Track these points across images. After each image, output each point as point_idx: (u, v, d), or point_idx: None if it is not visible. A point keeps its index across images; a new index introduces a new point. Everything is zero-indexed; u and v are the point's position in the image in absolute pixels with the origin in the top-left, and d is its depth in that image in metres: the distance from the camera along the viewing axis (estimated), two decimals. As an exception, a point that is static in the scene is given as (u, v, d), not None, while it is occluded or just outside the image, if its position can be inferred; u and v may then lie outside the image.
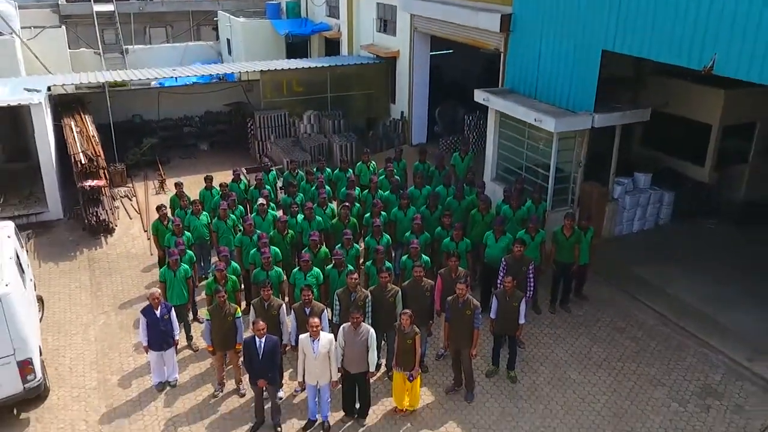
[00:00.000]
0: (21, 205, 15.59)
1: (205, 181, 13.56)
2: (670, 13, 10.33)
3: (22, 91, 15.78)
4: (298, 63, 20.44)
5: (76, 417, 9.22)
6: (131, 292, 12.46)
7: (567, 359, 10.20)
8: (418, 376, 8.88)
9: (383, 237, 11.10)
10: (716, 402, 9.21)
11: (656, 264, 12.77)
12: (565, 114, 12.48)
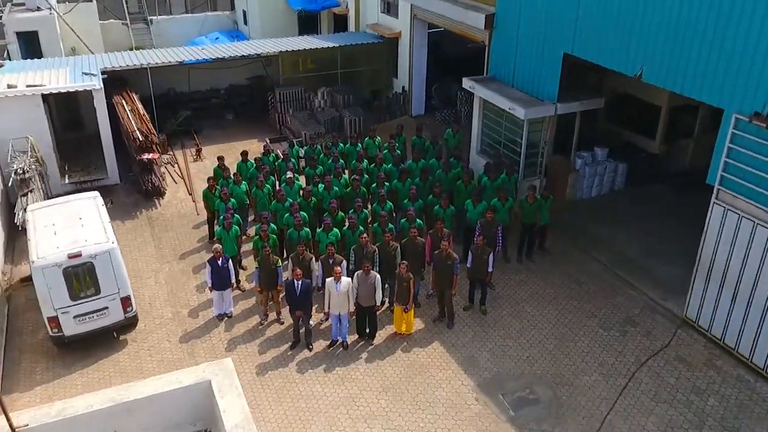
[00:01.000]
0: (84, 172, 18.66)
1: (241, 155, 16.58)
2: (612, 30, 13.13)
3: (81, 74, 18.62)
4: (312, 42, 22.98)
5: (160, 338, 12.53)
6: (186, 245, 15.65)
7: (526, 298, 13.42)
8: (411, 309, 12.12)
9: (386, 204, 14.19)
10: (632, 329, 12.45)
11: (607, 224, 15.87)
12: (534, 103, 15.36)
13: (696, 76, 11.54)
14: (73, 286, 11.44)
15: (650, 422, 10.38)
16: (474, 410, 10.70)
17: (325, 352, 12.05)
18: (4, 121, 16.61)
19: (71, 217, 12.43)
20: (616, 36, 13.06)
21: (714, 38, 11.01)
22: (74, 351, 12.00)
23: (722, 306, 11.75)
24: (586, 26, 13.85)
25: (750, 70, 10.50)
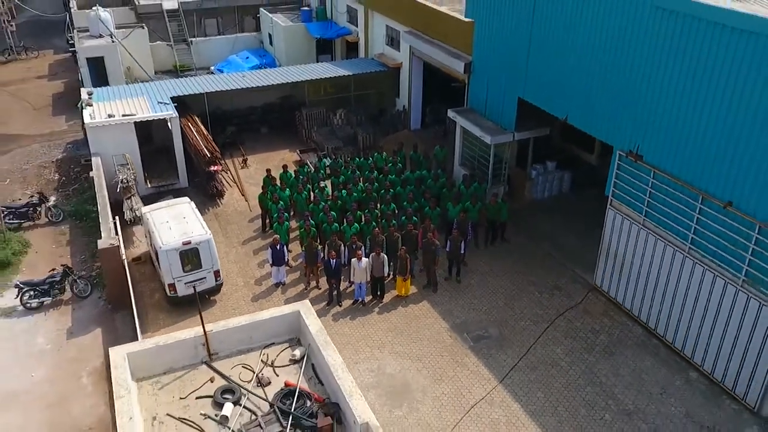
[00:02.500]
0: (160, 179, 24.45)
1: (283, 167, 22.45)
2: (548, 85, 18.86)
3: (157, 103, 24.33)
4: (331, 70, 28.49)
5: (237, 299, 18.41)
6: (245, 234, 21.50)
7: (488, 272, 19.29)
8: (408, 279, 18.00)
9: (391, 205, 20.03)
10: (558, 292, 18.33)
11: (553, 219, 21.67)
12: (498, 131, 21.11)
13: (598, 122, 17.31)
14: (184, 262, 17.32)
15: (559, 349, 16.29)
16: (447, 342, 16.63)
17: (350, 308, 17.96)
18: (109, 142, 22.45)
19: (177, 216, 18.30)
20: (551, 89, 18.81)
21: (607, 98, 16.75)
22: (182, 308, 17.89)
23: (615, 276, 17.61)
24: (532, 80, 19.58)
25: (627, 122, 16.25)
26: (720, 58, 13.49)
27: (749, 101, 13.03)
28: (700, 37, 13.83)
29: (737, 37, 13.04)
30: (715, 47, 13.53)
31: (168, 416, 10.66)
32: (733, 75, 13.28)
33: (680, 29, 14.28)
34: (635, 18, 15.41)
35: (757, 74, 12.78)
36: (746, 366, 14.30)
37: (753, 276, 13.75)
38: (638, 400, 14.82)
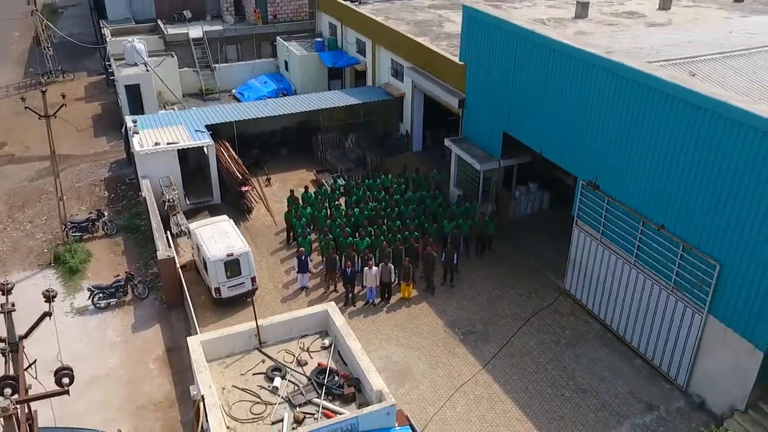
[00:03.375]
0: (196, 196, 28.33)
1: (304, 188, 26.32)
2: (526, 123, 22.73)
3: (195, 131, 28.19)
4: (343, 98, 32.24)
5: (269, 300, 22.28)
6: (273, 245, 25.38)
7: (477, 278, 23.15)
8: (411, 284, 21.87)
9: (396, 222, 23.90)
10: (534, 295, 22.18)
11: (534, 233, 25.51)
12: (487, 159, 24.97)
13: (566, 156, 21.17)
14: (228, 271, 21.22)
15: (532, 341, 20.15)
16: (442, 336, 20.51)
17: (362, 307, 21.84)
18: (155, 166, 26.35)
19: (221, 232, 22.22)
20: (529, 127, 22.69)
21: (573, 138, 20.60)
22: (226, 307, 21.77)
23: (580, 282, 21.46)
24: (514, 118, 23.45)
25: (587, 158, 20.10)
26: (650, 115, 17.35)
27: (674, 148, 16.88)
28: (636, 98, 17.68)
29: (662, 98, 16.89)
30: (646, 106, 17.38)
31: (234, 387, 14.54)
32: (661, 128, 17.12)
33: (622, 92, 18.15)
34: (589, 81, 19.27)
35: (678, 129, 16.63)
36: (676, 354, 18.16)
37: (679, 284, 17.61)
38: (592, 381, 18.68)
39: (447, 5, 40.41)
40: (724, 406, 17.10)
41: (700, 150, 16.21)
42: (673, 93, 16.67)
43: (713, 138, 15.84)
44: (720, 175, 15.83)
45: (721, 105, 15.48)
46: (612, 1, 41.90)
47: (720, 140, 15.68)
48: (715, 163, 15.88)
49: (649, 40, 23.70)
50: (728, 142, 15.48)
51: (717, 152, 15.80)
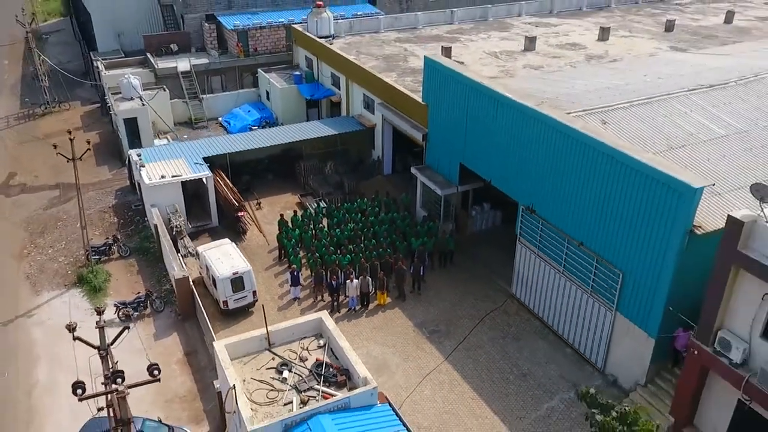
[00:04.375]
0: (197, 220, 32.49)
1: (293, 212, 30.74)
2: (478, 155, 27.50)
3: (194, 164, 32.37)
4: (322, 129, 36.73)
5: (268, 309, 26.34)
6: (267, 262, 29.72)
7: (440, 286, 27.83)
8: (385, 293, 26.48)
9: (372, 241, 28.49)
10: (487, 299, 26.92)
11: (488, 246, 30.30)
12: (447, 185, 29.68)
13: (510, 185, 25.98)
14: (233, 286, 25.55)
15: (485, 337, 24.90)
16: (411, 335, 25.14)
17: (346, 313, 26.35)
18: (162, 196, 30.50)
19: (225, 253, 26.54)
20: (481, 160, 27.47)
21: (514, 171, 25.40)
22: (231, 317, 26.08)
23: (523, 287, 26.28)
24: (468, 152, 28.21)
25: (525, 188, 24.92)
26: (570, 156, 22.22)
27: (588, 183, 21.74)
28: (559, 142, 22.55)
29: (578, 144, 21.77)
30: (566, 149, 22.25)
31: (252, 379, 18.95)
32: (578, 167, 21.99)
33: (548, 137, 23.01)
34: (524, 126, 24.11)
35: (589, 169, 21.51)
36: (595, 343, 23.06)
37: (595, 288, 22.52)
38: (532, 367, 23.49)
39: (411, 39, 45.23)
40: (631, 382, 22.04)
41: (606, 186, 21.10)
42: (585, 141, 21.56)
43: (613, 177, 20.74)
44: (620, 205, 20.73)
45: (619, 153, 20.40)
46: (558, 32, 47.22)
47: (617, 179, 20.59)
48: (617, 197, 20.78)
49: (576, 86, 28.63)
50: (623, 181, 20.40)
51: (616, 188, 20.71)
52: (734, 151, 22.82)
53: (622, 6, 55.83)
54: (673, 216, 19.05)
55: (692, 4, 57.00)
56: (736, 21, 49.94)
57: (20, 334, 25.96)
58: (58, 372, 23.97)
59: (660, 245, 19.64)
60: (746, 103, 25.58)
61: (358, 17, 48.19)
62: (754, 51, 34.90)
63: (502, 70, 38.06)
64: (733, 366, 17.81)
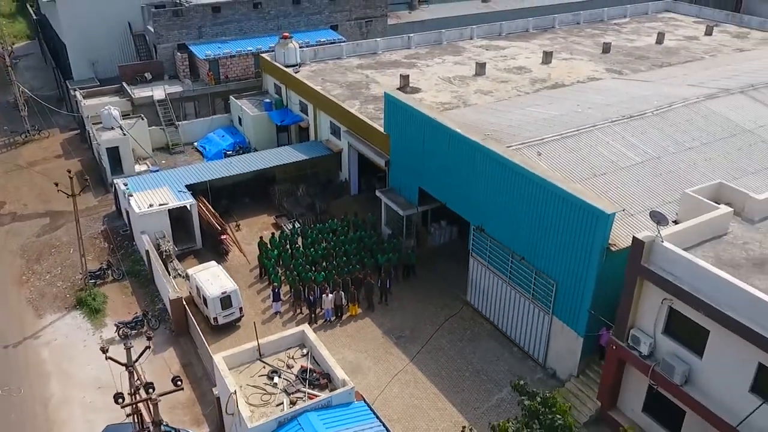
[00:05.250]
0: (182, 243, 35.66)
1: (272, 234, 34.19)
2: (435, 180, 31.39)
3: (178, 191, 35.52)
4: (294, 155, 40.25)
5: (251, 324, 30.07)
6: (249, 280, 33.08)
7: (405, 297, 31.60)
8: (356, 304, 30.17)
9: (343, 258, 32.15)
10: (446, 307, 30.80)
11: (445, 259, 34.20)
12: (408, 206, 33.50)
13: (463, 207, 29.91)
14: (222, 304, 28.92)
15: (444, 340, 28.78)
16: (381, 341, 28.88)
17: (322, 324, 29.94)
18: (151, 223, 33.62)
19: (213, 275, 29.89)
20: (437, 184, 31.35)
21: (466, 194, 29.33)
22: (220, 331, 29.42)
23: (477, 295, 30.26)
24: (426, 177, 32.06)
25: (476, 210, 28.87)
26: (510, 184, 26.23)
27: (527, 207, 25.77)
28: (500, 172, 26.54)
29: (516, 175, 25.79)
30: (507, 177, 26.26)
31: (247, 385, 22.44)
32: (517, 193, 26.01)
33: (492, 166, 26.99)
34: (472, 157, 28.06)
35: (527, 195, 25.55)
36: (537, 341, 27.14)
37: (534, 295, 26.59)
38: (484, 365, 27.44)
39: (372, 64, 48.99)
40: (566, 374, 26.16)
41: (541, 210, 25.15)
42: (523, 173, 25.59)
43: (546, 203, 24.81)
44: (552, 226, 24.80)
45: (549, 183, 24.46)
46: (506, 56, 51.52)
47: (549, 205, 24.67)
48: (549, 219, 24.85)
49: (517, 117, 32.72)
50: (554, 206, 24.48)
51: (549, 212, 24.78)
52: (646, 177, 27.15)
53: (565, 27, 60.46)
54: (592, 236, 23.19)
55: (628, 24, 62.00)
56: (666, 41, 55.02)
57: (30, 354, 28.87)
58: (69, 386, 27.04)
59: (583, 260, 23.78)
60: (660, 132, 30.00)
61: (322, 44, 51.77)
62: (673, 77, 39.59)
63: (455, 96, 42.11)
64: (643, 358, 21.98)
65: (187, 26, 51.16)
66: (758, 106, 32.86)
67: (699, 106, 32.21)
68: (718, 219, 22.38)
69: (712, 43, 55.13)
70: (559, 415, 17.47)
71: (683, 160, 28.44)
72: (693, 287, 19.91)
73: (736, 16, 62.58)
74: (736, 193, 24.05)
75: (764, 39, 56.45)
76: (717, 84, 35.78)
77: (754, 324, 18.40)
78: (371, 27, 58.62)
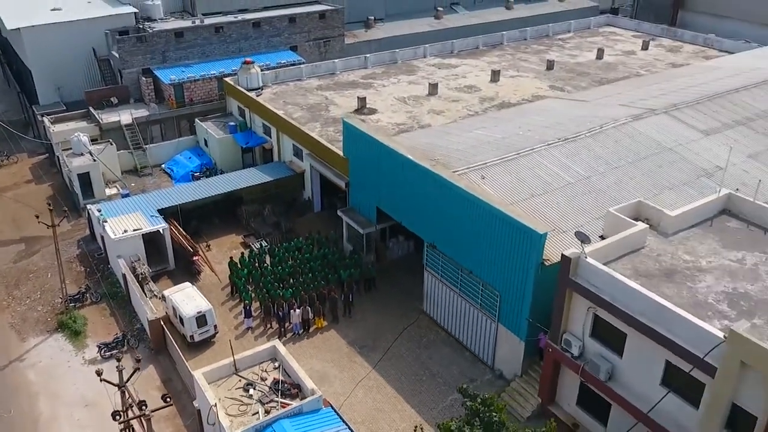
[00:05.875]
0: (155, 264, 37.79)
1: (241, 253, 36.62)
2: (392, 201, 34.27)
3: (150, 216, 37.66)
4: (259, 176, 42.69)
5: (227, 339, 32.44)
6: (221, 298, 35.46)
7: (366, 309, 34.37)
8: (322, 317, 32.86)
9: (308, 275, 34.79)
10: (405, 317, 33.70)
11: (403, 272, 37.08)
12: (367, 224, 36.30)
13: (417, 225, 32.84)
14: (198, 322, 31.30)
15: (403, 348, 31.67)
16: (345, 351, 31.61)
17: (291, 337, 32.53)
18: (126, 247, 35.73)
19: (189, 296, 32.24)
20: (394, 204, 34.23)
21: (420, 214, 32.25)
22: (196, 348, 31.77)
23: (432, 305, 33.22)
24: (383, 197, 34.91)
25: (428, 228, 31.82)
26: (457, 205, 29.23)
27: (472, 227, 28.79)
28: (447, 194, 29.53)
29: (461, 198, 28.81)
30: (454, 200, 29.26)
31: (225, 397, 24.96)
32: (464, 213, 29.02)
33: (441, 190, 29.97)
34: (423, 180, 31.00)
35: (471, 215, 28.57)
36: (485, 346, 30.22)
37: (482, 305, 29.66)
38: (439, 368, 30.41)
39: (331, 86, 51.69)
40: (511, 374, 29.30)
41: (485, 229, 28.20)
42: (468, 197, 28.62)
43: (489, 223, 27.87)
44: (495, 243, 27.87)
45: (491, 206, 27.54)
46: (457, 74, 54.73)
47: (492, 225, 27.74)
48: (493, 237, 27.91)
49: (464, 140, 35.77)
50: (496, 226, 27.56)
51: (492, 231, 27.85)
52: (578, 196, 30.48)
53: (512, 43, 64.07)
54: (528, 253, 26.34)
55: (572, 39, 65.94)
56: (605, 56, 59.00)
57: (17, 377, 30.79)
58: (57, 405, 29.09)
59: (522, 273, 26.92)
60: (591, 153, 33.42)
61: (282, 66, 54.25)
62: (607, 96, 43.24)
63: (410, 116, 45.12)
64: (574, 358, 25.18)
65: (152, 51, 53.05)
66: (679, 125, 36.60)
67: (626, 127, 35.77)
68: (636, 235, 25.72)
69: (648, 57, 59.38)
70: (495, 413, 20.46)
71: (611, 179, 31.87)
72: (612, 297, 23.16)
73: (670, 30, 67.10)
74: (653, 210, 27.45)
75: (694, 52, 61.02)
76: (645, 104, 39.48)
77: (661, 327, 21.68)
78: (329, 47, 61.24)
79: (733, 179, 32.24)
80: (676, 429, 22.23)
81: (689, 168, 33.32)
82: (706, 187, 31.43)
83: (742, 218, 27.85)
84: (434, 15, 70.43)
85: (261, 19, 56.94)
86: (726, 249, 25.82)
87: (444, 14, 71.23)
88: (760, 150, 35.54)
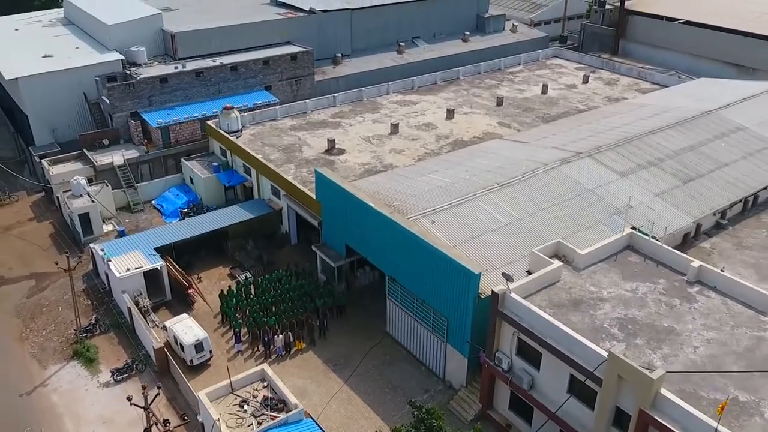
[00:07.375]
0: (154, 296, 43.36)
1: (230, 286, 42.48)
2: (359, 238, 40.44)
3: (149, 254, 43.25)
4: (243, 214, 48.54)
5: (221, 362, 38.29)
6: (213, 326, 41.18)
7: (339, 332, 40.41)
8: (302, 340, 38.88)
9: (288, 303, 40.80)
10: (370, 338, 39.86)
11: (370, 299, 43.21)
12: (339, 258, 42.35)
13: (380, 260, 39.04)
14: (196, 348, 37.11)
15: (370, 364, 37.80)
16: (322, 368, 37.74)
17: (276, 359, 38.48)
18: (130, 283, 41.32)
19: (187, 326, 38.02)
20: (360, 241, 40.39)
21: (382, 251, 38.44)
22: (195, 370, 37.55)
23: (394, 327, 39.45)
24: (351, 235, 41.04)
25: (390, 263, 38.04)
26: (410, 247, 35.49)
27: (424, 264, 35.04)
28: (402, 238, 35.77)
29: (413, 241, 35.07)
30: (408, 242, 35.52)
31: (225, 413, 30.89)
32: (415, 254, 35.27)
33: (397, 233, 36.23)
34: (383, 224, 37.22)
35: (422, 256, 34.85)
36: (438, 362, 36.53)
37: (434, 328, 35.97)
38: (401, 382, 36.63)
39: (303, 125, 57.72)
40: (459, 385, 35.67)
41: (433, 267, 34.49)
42: (419, 241, 34.90)
43: (436, 263, 34.18)
44: (442, 279, 34.17)
45: (436, 250, 33.84)
46: (416, 111, 61.14)
47: (439, 264, 34.05)
48: (440, 274, 34.21)
49: (419, 185, 42.03)
50: (441, 265, 33.88)
51: (439, 269, 34.16)
52: (510, 236, 36.98)
53: (468, 77, 70.76)
54: (467, 288, 32.72)
55: (521, 72, 72.87)
56: (549, 91, 65.96)
57: (42, 400, 36.26)
58: (80, 423, 34.67)
59: (463, 304, 33.29)
60: (524, 196, 39.96)
61: (259, 107, 60.05)
62: (544, 137, 49.96)
63: (374, 156, 51.39)
64: (504, 372, 31.61)
65: (139, 96, 58.39)
66: (599, 167, 43.40)
67: (555, 171, 42.44)
68: (552, 271, 32.25)
69: (587, 91, 66.56)
70: (435, 420, 26.77)
71: (539, 219, 38.45)
72: (530, 324, 29.63)
73: (609, 62, 74.40)
74: (568, 249, 34.05)
75: (629, 85, 68.39)
76: (574, 146, 46.22)
77: (564, 348, 28.19)
78: (301, 85, 67.08)
79: (640, 216, 39.05)
80: (579, 427, 28.76)
81: (605, 207, 40.06)
82: (617, 225, 38.12)
83: (642, 253, 34.59)
84: (396, 49, 76.61)
85: (238, 63, 62.55)
86: (624, 280, 32.49)
87: (405, 48, 77.45)
88: (665, 188, 42.46)
